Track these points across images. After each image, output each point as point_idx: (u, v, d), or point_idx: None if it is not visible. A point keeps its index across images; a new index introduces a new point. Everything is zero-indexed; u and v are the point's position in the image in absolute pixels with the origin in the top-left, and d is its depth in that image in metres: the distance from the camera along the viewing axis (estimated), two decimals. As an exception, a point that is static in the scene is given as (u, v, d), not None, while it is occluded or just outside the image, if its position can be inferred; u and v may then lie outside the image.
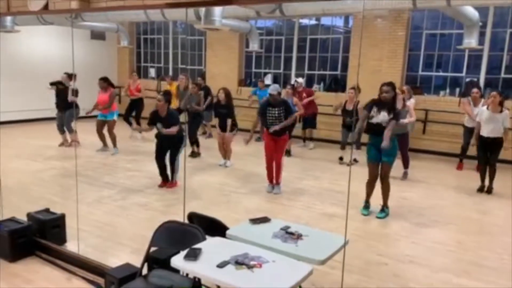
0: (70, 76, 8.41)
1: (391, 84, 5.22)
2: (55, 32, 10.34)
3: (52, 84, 8.68)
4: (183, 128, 6.40)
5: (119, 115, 8.91)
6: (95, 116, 8.67)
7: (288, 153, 8.42)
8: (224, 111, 7.39)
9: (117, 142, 8.46)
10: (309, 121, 9.38)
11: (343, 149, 8.13)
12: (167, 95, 6.37)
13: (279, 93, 6.07)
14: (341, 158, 8.13)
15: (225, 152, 7.56)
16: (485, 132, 6.45)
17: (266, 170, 6.23)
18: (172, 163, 6.20)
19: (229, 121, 7.35)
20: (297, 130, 9.18)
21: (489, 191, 6.45)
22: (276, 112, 5.96)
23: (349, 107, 7.77)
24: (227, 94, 7.35)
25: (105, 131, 8.47)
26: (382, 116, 5.11)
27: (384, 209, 5.33)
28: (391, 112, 5.11)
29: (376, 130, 5.16)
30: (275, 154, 6.10)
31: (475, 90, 7.58)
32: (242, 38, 11.84)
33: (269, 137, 6.11)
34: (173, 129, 6.00)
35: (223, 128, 7.40)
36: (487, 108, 6.46)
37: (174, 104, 8.92)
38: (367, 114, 5.18)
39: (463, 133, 7.88)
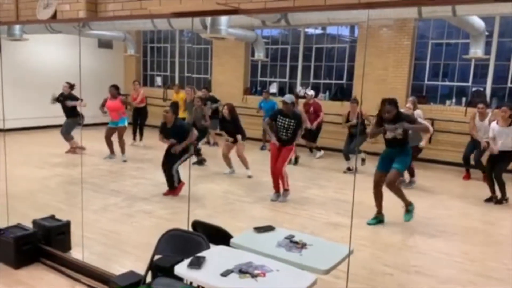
0: (72, 86, 8.52)
1: (392, 102, 5.09)
2: (62, 40, 10.46)
3: (56, 99, 8.75)
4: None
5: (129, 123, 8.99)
6: (101, 124, 8.72)
7: (296, 160, 8.44)
8: (230, 125, 7.49)
9: (120, 150, 8.50)
10: (312, 133, 9.28)
11: (348, 159, 8.08)
12: (174, 106, 6.38)
13: (293, 103, 6.12)
14: (349, 169, 8.07)
15: (242, 161, 7.48)
16: (496, 150, 6.34)
17: (272, 178, 6.23)
18: (170, 170, 6.17)
19: (238, 136, 7.38)
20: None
21: (499, 201, 6.37)
22: (287, 122, 5.99)
23: (352, 118, 7.92)
24: (231, 110, 7.44)
25: (113, 138, 8.51)
26: (393, 130, 5.08)
27: (408, 208, 5.22)
28: (399, 122, 5.03)
29: (392, 144, 5.19)
30: (277, 163, 6.10)
31: (480, 105, 7.36)
32: (248, 47, 11.90)
33: (275, 145, 6.15)
34: (186, 142, 6.02)
35: (233, 139, 7.42)
36: (497, 123, 6.40)
37: (182, 114, 8.96)
38: (379, 130, 5.22)
39: (467, 143, 7.77)
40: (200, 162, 8.19)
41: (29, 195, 6.01)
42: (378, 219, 5.35)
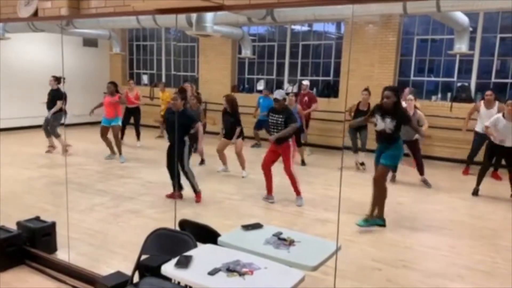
0: (58, 79, 8.36)
1: (393, 89, 4.90)
2: (47, 39, 10.30)
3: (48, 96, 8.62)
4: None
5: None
6: (86, 123, 8.59)
7: (303, 162, 8.34)
8: (230, 119, 7.28)
9: (117, 150, 8.39)
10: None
11: (356, 152, 7.96)
12: (182, 92, 5.91)
13: (284, 99, 5.97)
14: (362, 164, 7.94)
15: (239, 160, 7.38)
16: (499, 140, 6.31)
17: (265, 177, 6.04)
18: (183, 172, 5.84)
19: (238, 129, 7.23)
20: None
21: None
22: (275, 118, 5.80)
23: (364, 108, 7.71)
24: (230, 101, 7.24)
25: (110, 136, 8.35)
26: (385, 123, 4.86)
27: (379, 218, 5.00)
28: (395, 117, 4.82)
29: (380, 137, 5.00)
30: (284, 163, 5.87)
31: (489, 92, 7.21)
32: (235, 44, 11.86)
33: (271, 145, 5.97)
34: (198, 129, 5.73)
35: (230, 136, 7.28)
36: (503, 116, 6.30)
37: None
38: (367, 119, 5.12)
39: (473, 139, 7.62)
40: (202, 161, 8.08)
41: (14, 196, 5.91)
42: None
